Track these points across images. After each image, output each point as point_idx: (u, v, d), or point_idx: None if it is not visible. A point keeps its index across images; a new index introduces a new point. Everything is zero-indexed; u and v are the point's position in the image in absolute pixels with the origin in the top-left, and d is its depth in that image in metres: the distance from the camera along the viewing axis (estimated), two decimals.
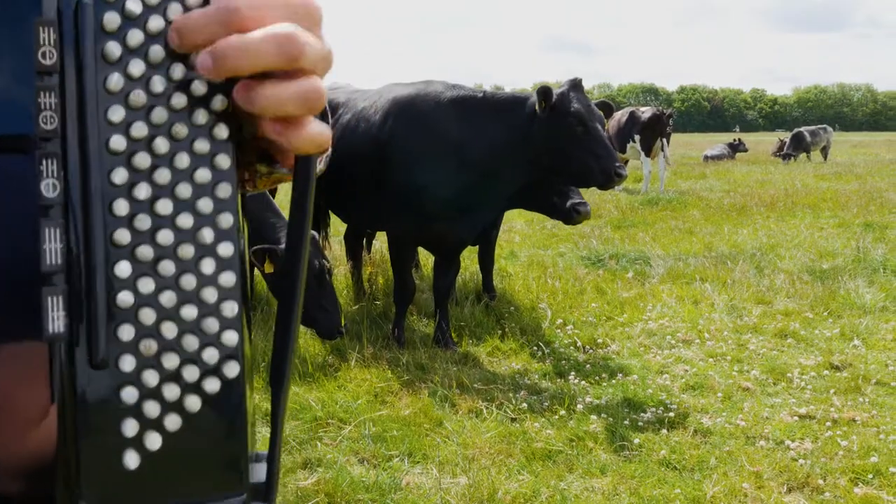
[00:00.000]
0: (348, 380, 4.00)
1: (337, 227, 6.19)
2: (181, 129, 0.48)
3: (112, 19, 0.46)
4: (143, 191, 0.47)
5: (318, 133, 0.50)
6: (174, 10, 0.48)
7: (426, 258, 6.49)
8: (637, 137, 13.29)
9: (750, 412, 3.64)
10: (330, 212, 5.79)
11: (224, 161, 0.50)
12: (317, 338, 4.30)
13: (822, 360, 4.33)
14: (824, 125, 23.85)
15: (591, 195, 10.49)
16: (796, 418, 3.57)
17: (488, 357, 4.45)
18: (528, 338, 4.72)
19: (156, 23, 0.47)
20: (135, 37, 0.47)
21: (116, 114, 0.47)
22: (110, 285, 0.46)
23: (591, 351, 4.58)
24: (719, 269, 6.48)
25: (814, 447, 3.26)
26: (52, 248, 0.45)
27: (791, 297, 5.62)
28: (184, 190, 0.48)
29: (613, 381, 4.05)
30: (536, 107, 4.10)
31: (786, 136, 24.25)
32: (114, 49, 0.46)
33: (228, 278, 0.49)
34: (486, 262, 5.67)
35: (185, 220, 0.48)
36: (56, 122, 0.45)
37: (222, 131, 0.50)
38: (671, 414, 3.58)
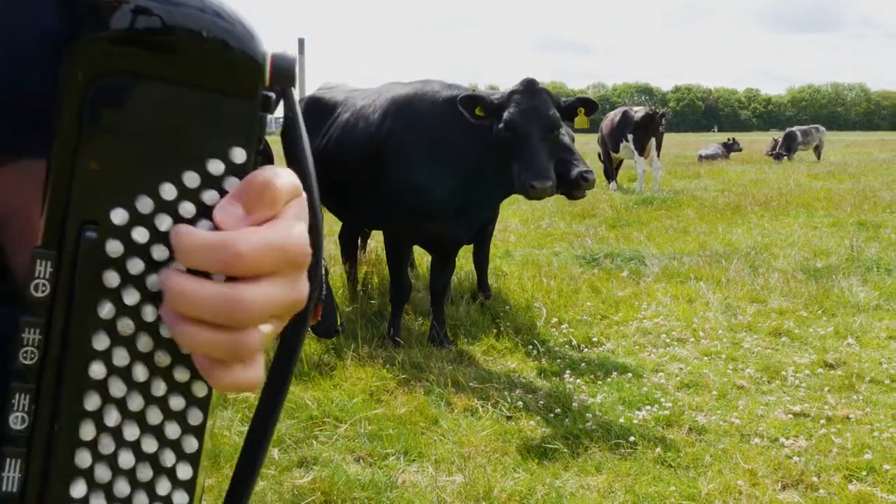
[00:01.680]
0: (344, 378, 4.00)
1: (331, 225, 6.19)
2: (163, 358, 0.48)
3: (115, 249, 0.45)
4: (112, 417, 0.47)
5: (241, 382, 0.47)
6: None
7: (422, 257, 6.49)
8: (630, 137, 13.31)
9: (744, 410, 3.65)
10: (325, 210, 5.79)
11: (201, 389, 0.49)
12: (313, 336, 4.30)
13: (816, 358, 4.34)
14: (817, 125, 23.90)
15: (586, 195, 10.51)
16: (791, 416, 3.58)
17: (484, 356, 4.46)
18: (523, 337, 4.72)
19: (159, 253, 0.46)
20: (135, 266, 0.46)
21: (101, 343, 0.46)
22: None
23: (586, 349, 4.59)
24: (714, 268, 6.50)
25: (808, 445, 3.27)
26: (11, 476, 0.45)
27: (785, 295, 5.64)
28: (153, 416, 0.48)
29: (608, 379, 4.06)
30: (467, 115, 4.03)
31: (779, 135, 24.28)
32: (111, 279, 0.46)
33: (181, 499, 0.50)
34: (481, 261, 5.67)
35: (150, 445, 0.48)
36: (37, 357, 0.45)
37: None
38: (666, 412, 3.59)
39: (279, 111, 0.52)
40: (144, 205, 0.45)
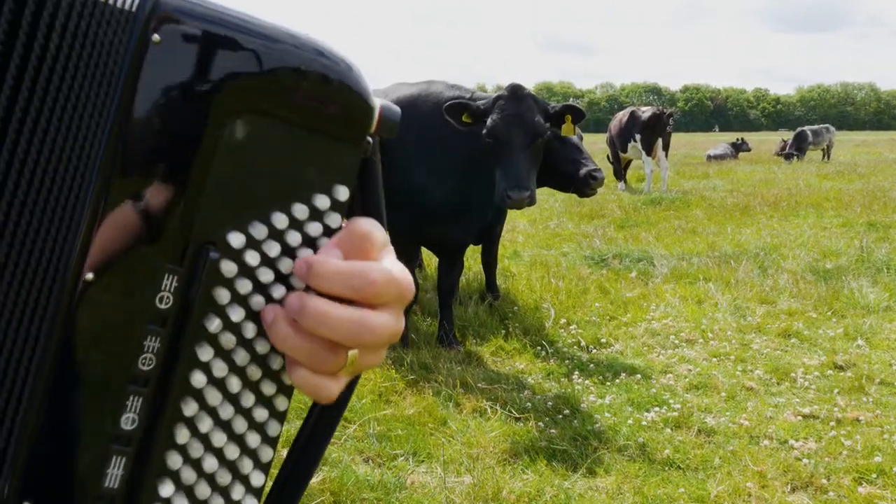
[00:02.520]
0: None
1: None
2: (255, 372, 0.51)
3: (229, 269, 0.49)
4: (205, 424, 0.50)
5: (335, 395, 0.52)
6: (285, 265, 0.51)
7: (430, 258, 6.50)
8: (638, 137, 13.30)
9: (754, 412, 3.65)
10: None
11: (282, 403, 0.54)
12: None
13: (825, 359, 4.33)
14: (826, 125, 23.79)
15: (594, 195, 10.49)
16: (800, 418, 3.57)
17: (492, 357, 4.46)
18: (531, 337, 4.72)
19: (265, 276, 0.50)
20: (244, 286, 0.50)
21: (205, 354, 0.50)
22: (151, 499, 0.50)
23: (594, 350, 4.58)
24: (723, 269, 6.48)
25: (817, 447, 3.26)
26: (115, 473, 0.48)
27: (795, 296, 5.62)
28: (240, 425, 0.52)
29: (617, 380, 4.06)
30: (453, 122, 4.01)
31: (788, 136, 24.21)
32: (222, 297, 0.49)
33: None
34: (490, 261, 5.68)
35: (232, 452, 0.52)
36: (154, 363, 0.48)
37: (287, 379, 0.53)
38: (675, 413, 3.59)
39: None
40: (259, 231, 0.50)
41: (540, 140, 4.01)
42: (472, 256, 6.00)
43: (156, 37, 0.45)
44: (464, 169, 4.22)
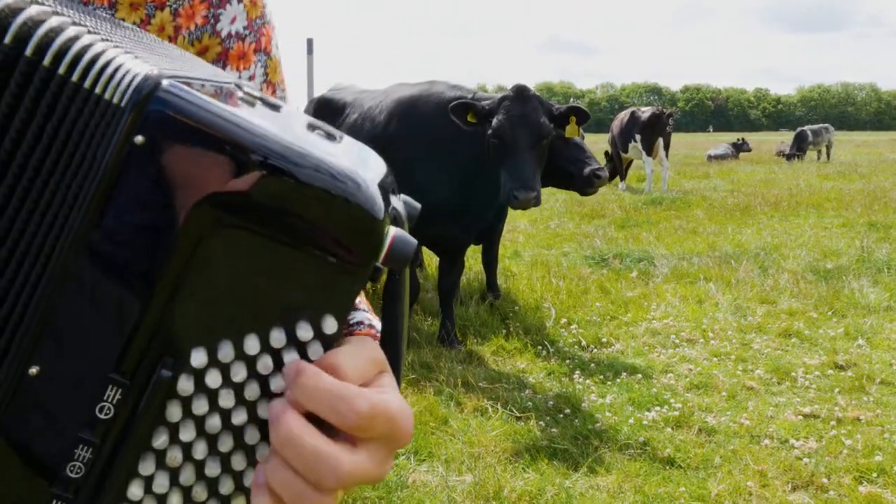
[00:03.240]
0: None
1: None
2: (201, 493, 0.48)
3: (186, 388, 0.45)
4: None
5: None
6: (251, 391, 0.47)
7: (430, 258, 6.50)
8: (638, 137, 13.36)
9: (754, 411, 3.65)
10: None
11: None
12: None
13: (826, 359, 4.34)
14: (826, 124, 23.80)
15: (595, 195, 10.51)
16: (801, 417, 3.58)
17: (493, 356, 4.46)
18: (532, 337, 4.73)
19: (225, 400, 0.46)
20: (200, 407, 0.46)
21: (146, 468, 0.46)
22: None
23: (595, 350, 4.59)
24: (723, 269, 6.49)
25: (818, 446, 3.27)
26: None
27: (795, 296, 5.63)
28: None
29: (618, 380, 4.06)
30: (458, 122, 4.02)
31: (788, 135, 24.23)
32: (174, 414, 0.46)
33: None
34: (490, 261, 5.68)
35: None
36: (82, 472, 0.45)
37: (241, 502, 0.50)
38: (675, 413, 3.60)
39: None
40: (225, 352, 0.45)
41: (545, 141, 4.02)
42: (473, 256, 6.01)
43: (139, 138, 0.41)
44: (465, 169, 4.23)
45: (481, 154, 4.17)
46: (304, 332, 0.46)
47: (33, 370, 0.43)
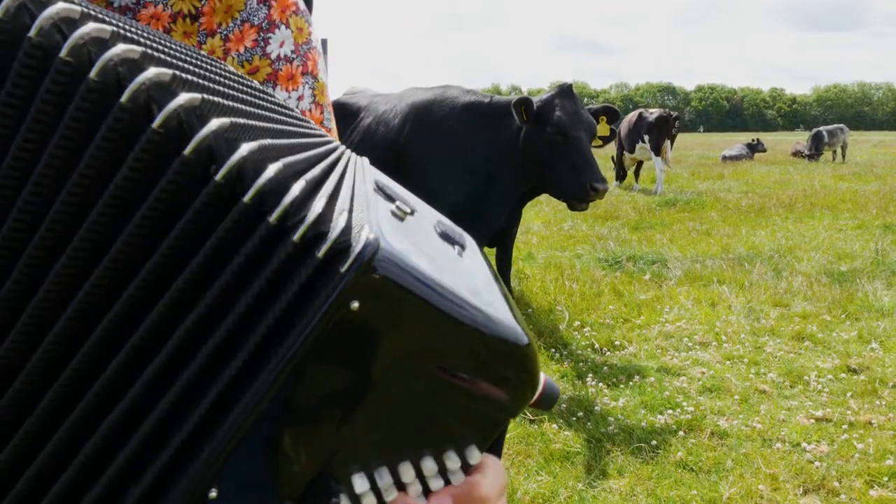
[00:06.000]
0: None
1: None
2: None
3: None
4: None
5: None
6: None
7: None
8: (646, 138, 13.47)
9: (766, 415, 3.67)
10: None
11: None
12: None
13: (839, 362, 4.35)
14: (841, 125, 23.70)
15: (607, 197, 10.54)
16: (813, 421, 3.60)
17: None
18: (545, 339, 4.76)
19: None
20: None
21: None
22: None
23: (608, 353, 4.62)
24: (737, 272, 6.49)
25: (830, 450, 3.29)
26: None
27: (809, 299, 5.63)
28: None
29: (631, 383, 4.09)
30: (517, 118, 4.09)
31: (804, 135, 24.16)
32: None
33: None
34: (504, 263, 5.71)
35: None
36: None
37: None
38: (688, 416, 3.62)
39: None
40: (384, 479, 0.46)
41: (594, 138, 4.17)
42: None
43: (355, 304, 0.41)
44: (479, 173, 4.27)
45: (496, 158, 4.21)
46: (452, 461, 0.48)
47: (212, 493, 0.44)
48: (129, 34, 0.44)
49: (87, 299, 0.42)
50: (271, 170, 0.42)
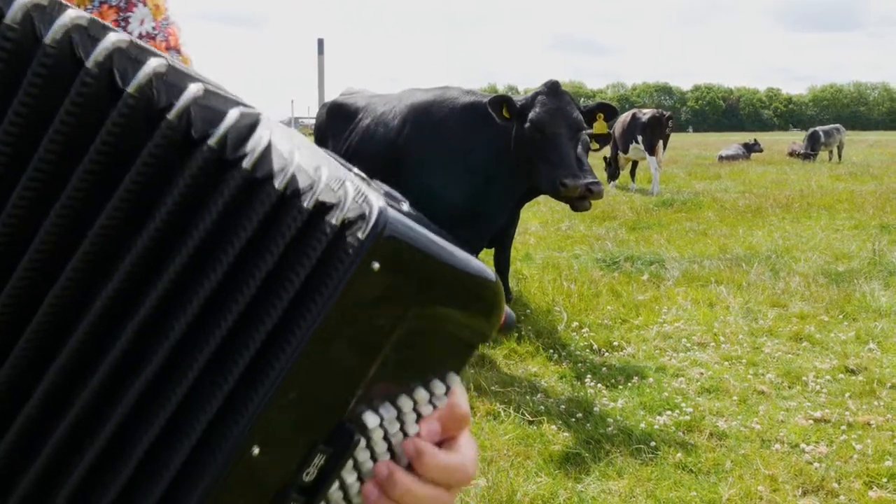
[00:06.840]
0: None
1: None
2: None
3: (360, 447, 0.51)
4: None
5: None
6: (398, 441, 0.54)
7: None
8: (640, 138, 13.52)
9: (765, 415, 3.67)
10: None
11: None
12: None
13: (837, 363, 4.35)
14: (837, 125, 23.76)
15: (606, 197, 10.52)
16: (811, 422, 3.60)
17: (505, 360, 4.50)
18: (544, 340, 4.76)
19: (381, 448, 0.53)
20: (364, 457, 0.52)
21: None
22: None
23: (606, 354, 4.62)
24: (734, 272, 6.50)
25: (829, 451, 3.29)
26: None
27: (806, 299, 5.64)
28: None
29: (629, 383, 4.09)
30: (495, 117, 4.09)
31: (799, 135, 24.21)
32: (347, 466, 0.52)
33: None
34: (502, 264, 5.71)
35: None
36: None
37: None
38: (687, 417, 3.62)
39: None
40: (389, 413, 0.52)
41: (580, 134, 4.12)
42: (485, 259, 6.04)
43: (376, 265, 0.46)
44: (478, 174, 4.27)
45: (495, 158, 4.21)
46: (438, 388, 0.54)
47: (255, 451, 0.48)
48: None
49: (82, 266, 0.47)
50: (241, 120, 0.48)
